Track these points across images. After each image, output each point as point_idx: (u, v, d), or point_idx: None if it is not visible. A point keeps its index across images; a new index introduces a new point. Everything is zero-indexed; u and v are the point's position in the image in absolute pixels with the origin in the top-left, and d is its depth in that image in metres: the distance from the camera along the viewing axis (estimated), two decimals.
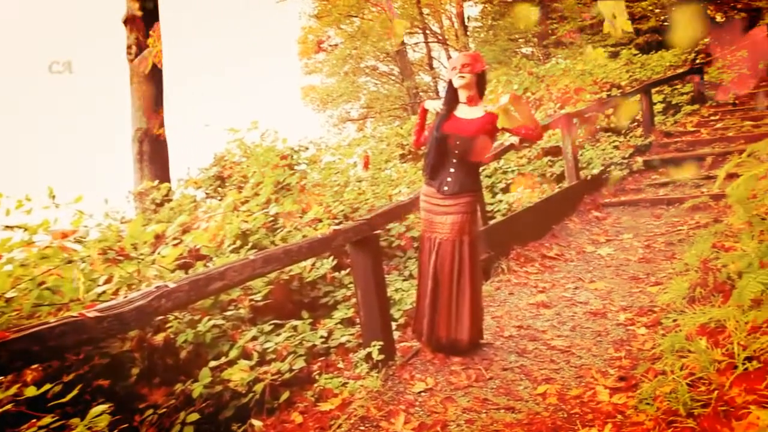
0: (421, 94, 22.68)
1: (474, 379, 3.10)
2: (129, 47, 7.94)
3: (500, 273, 4.73)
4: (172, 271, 3.62)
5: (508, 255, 4.96)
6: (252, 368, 2.90)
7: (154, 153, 8.10)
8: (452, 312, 3.29)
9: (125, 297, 1.96)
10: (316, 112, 25.03)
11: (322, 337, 3.41)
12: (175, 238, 4.22)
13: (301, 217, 4.59)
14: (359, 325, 3.31)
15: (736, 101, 9.89)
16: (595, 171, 6.95)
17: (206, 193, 6.47)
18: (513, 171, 6.84)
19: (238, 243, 4.19)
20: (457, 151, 3.25)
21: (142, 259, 3.21)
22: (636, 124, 8.62)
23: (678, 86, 10.57)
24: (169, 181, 7.89)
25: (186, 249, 4.15)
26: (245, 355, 3.05)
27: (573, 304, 4.05)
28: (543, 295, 4.24)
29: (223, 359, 2.97)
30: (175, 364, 3.02)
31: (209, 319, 3.21)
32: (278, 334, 3.32)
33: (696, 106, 9.74)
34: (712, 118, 9.15)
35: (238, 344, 3.09)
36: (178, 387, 2.77)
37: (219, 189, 6.43)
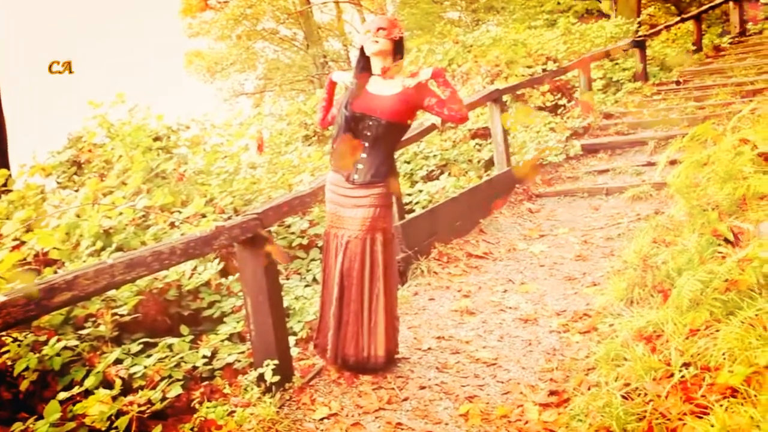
0: (330, 63, 22.68)
1: (386, 400, 3.15)
2: None
3: (419, 275, 4.82)
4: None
5: (429, 254, 5.06)
6: (114, 398, 2.80)
7: None
8: (363, 323, 3.32)
9: None
10: (203, 84, 24.44)
11: (204, 357, 3.34)
12: (14, 239, 4.01)
13: (179, 212, 4.48)
14: (250, 342, 3.28)
15: (680, 79, 10.59)
16: (529, 156, 7.22)
17: (58, 182, 6.18)
18: (435, 156, 6.98)
19: (99, 244, 4.04)
20: (369, 134, 3.27)
21: None
22: (574, 102, 9.04)
23: (619, 61, 11.20)
24: (7, 167, 7.40)
25: (30, 252, 3.95)
26: (106, 382, 2.94)
27: (501, 310, 4.20)
28: (468, 300, 4.36)
29: (77, 389, 2.86)
30: (13, 399, 2.90)
31: (58, 340, 3.07)
32: (149, 356, 3.23)
33: (638, 84, 10.35)
34: (654, 97, 9.76)
35: (97, 369, 2.98)
36: (17, 427, 2.64)
37: (75, 177, 6.15)
